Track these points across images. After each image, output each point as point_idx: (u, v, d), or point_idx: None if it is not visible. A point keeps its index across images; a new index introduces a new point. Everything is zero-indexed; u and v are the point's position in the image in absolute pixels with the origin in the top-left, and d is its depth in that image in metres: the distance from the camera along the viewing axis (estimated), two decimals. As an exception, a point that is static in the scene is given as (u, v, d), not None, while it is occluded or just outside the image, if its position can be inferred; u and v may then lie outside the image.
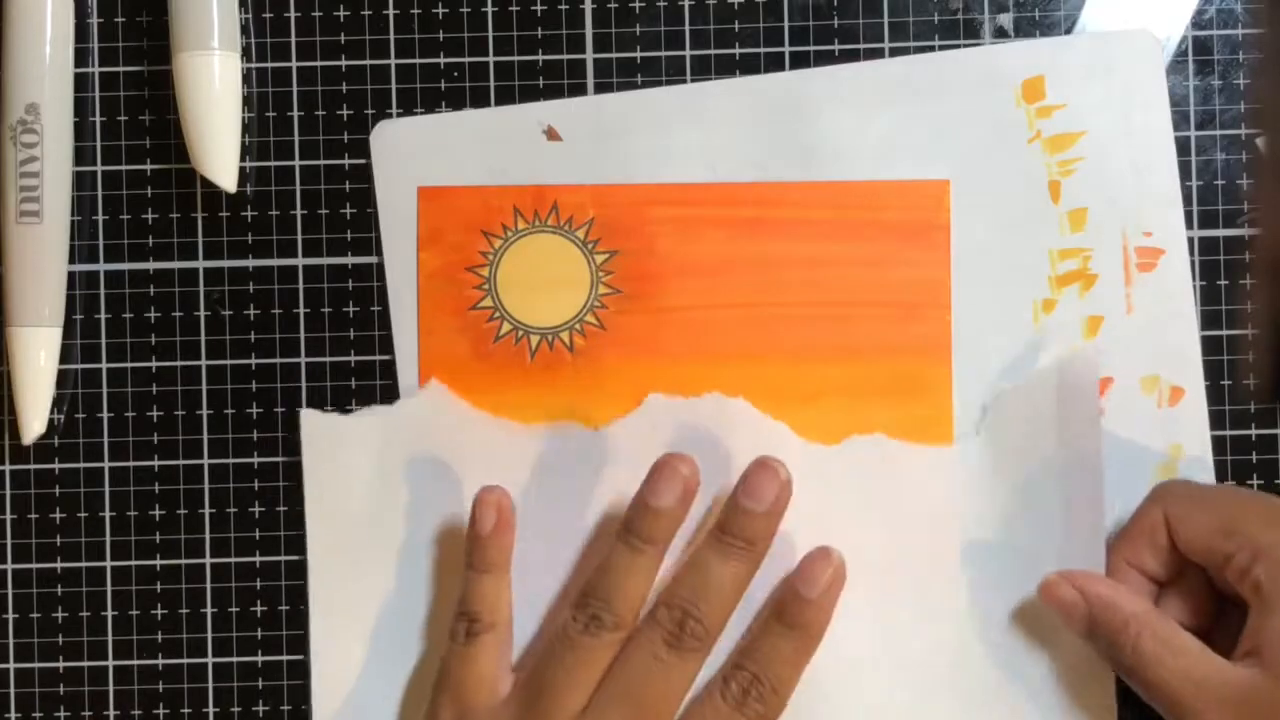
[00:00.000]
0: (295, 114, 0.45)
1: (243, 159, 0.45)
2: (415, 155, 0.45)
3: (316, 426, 0.45)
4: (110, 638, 0.45)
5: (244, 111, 0.45)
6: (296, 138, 0.45)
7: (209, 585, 0.45)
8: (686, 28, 0.45)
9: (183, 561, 0.45)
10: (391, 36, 0.45)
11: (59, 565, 0.46)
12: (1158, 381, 0.44)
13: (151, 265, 0.46)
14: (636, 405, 0.44)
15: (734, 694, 0.41)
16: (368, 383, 0.45)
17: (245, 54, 0.45)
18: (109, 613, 0.45)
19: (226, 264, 0.45)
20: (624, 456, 0.44)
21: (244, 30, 0.45)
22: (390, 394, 0.45)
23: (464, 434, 0.44)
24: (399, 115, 0.45)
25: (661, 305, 0.45)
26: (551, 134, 0.45)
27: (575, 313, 0.45)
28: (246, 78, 0.45)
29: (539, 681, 0.41)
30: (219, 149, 0.44)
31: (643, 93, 0.45)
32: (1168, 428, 0.44)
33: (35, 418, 0.44)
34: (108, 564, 0.45)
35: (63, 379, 0.45)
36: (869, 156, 0.45)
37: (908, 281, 0.45)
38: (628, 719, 0.40)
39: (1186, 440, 0.44)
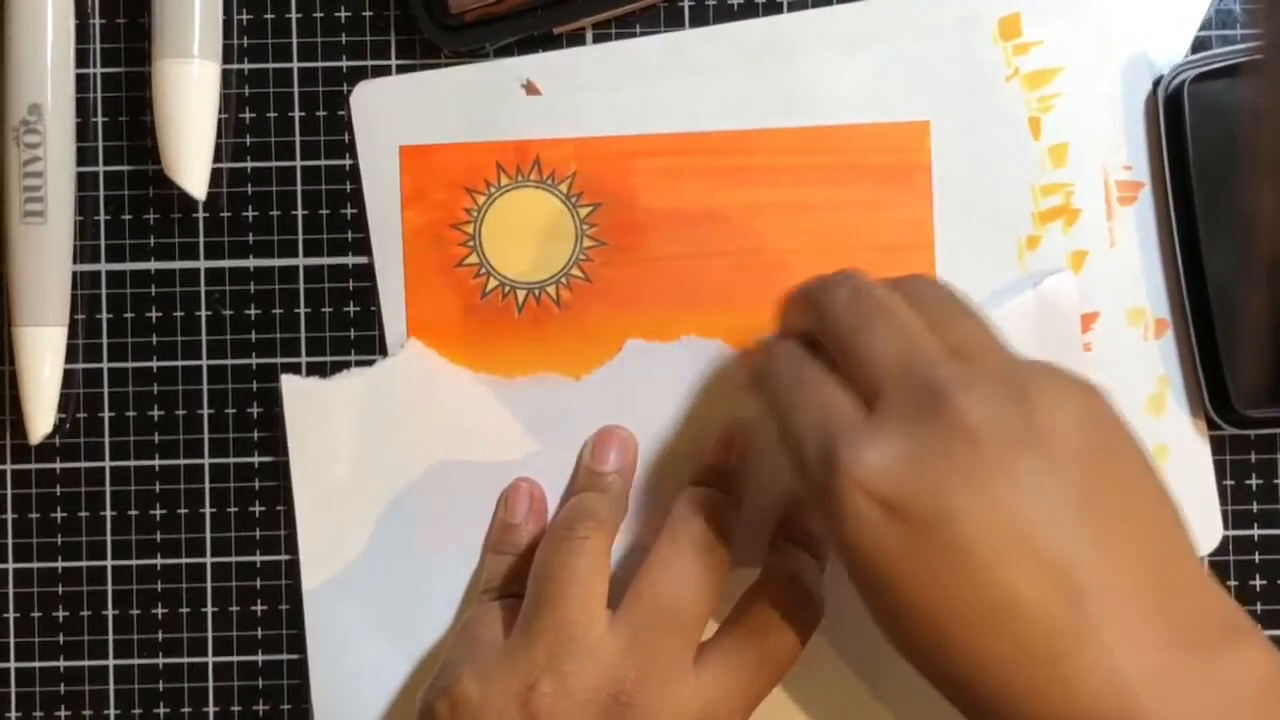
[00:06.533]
0: (296, 114, 0.46)
1: (244, 159, 0.45)
2: (396, 114, 0.45)
3: (297, 391, 0.45)
4: (111, 637, 0.46)
5: (245, 112, 0.45)
6: (298, 138, 0.46)
7: (209, 584, 0.45)
8: None
9: (183, 561, 0.46)
10: (393, 37, 0.46)
11: (60, 564, 0.46)
12: (1143, 314, 0.45)
13: (153, 265, 0.46)
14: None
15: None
16: (368, 382, 0.45)
17: (246, 54, 0.45)
18: (110, 612, 0.46)
19: (228, 264, 0.46)
20: (604, 404, 0.45)
21: (245, 31, 0.45)
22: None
23: (444, 391, 0.45)
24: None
25: (646, 256, 0.45)
26: (530, 88, 0.45)
27: (561, 266, 0.45)
28: (248, 78, 0.45)
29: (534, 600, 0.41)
30: (191, 156, 0.44)
31: (620, 44, 0.45)
32: (1154, 360, 0.45)
33: (42, 417, 0.44)
34: (108, 563, 0.46)
35: (65, 379, 0.45)
36: (849, 100, 0.45)
37: (891, 224, 0.45)
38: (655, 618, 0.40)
39: (1172, 372, 0.45)
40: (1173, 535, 0.34)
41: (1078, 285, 0.45)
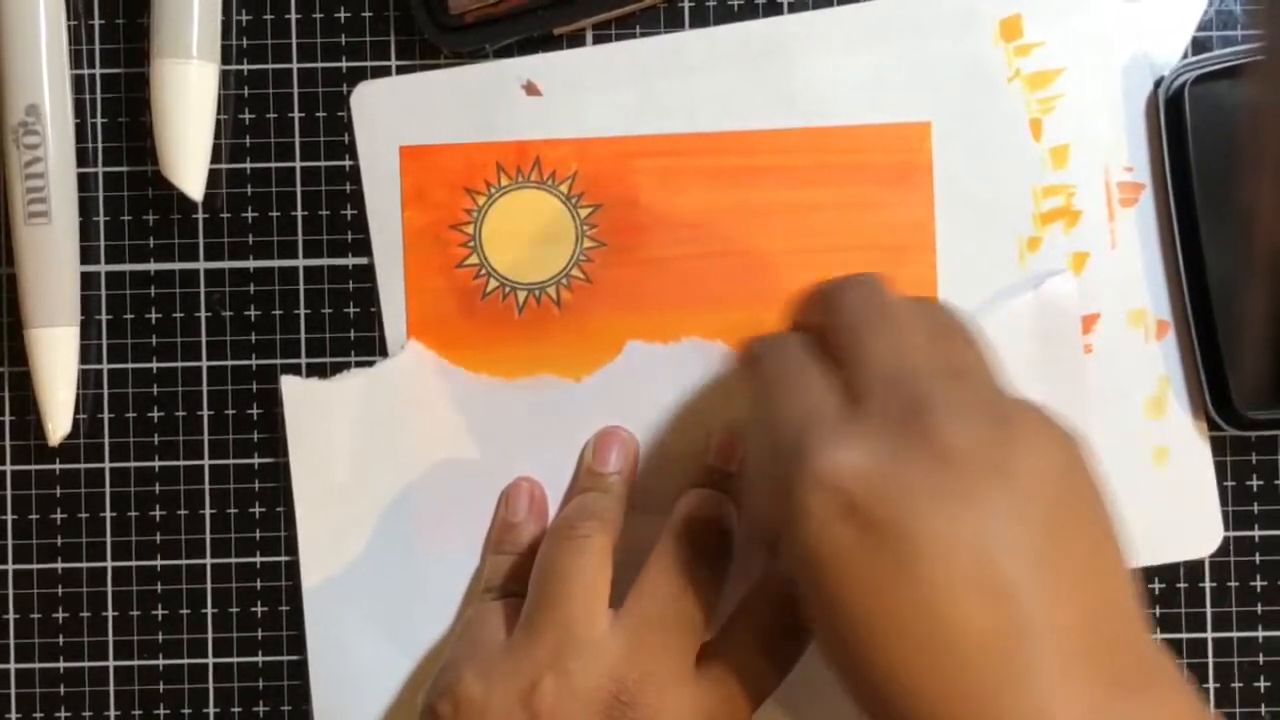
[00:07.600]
0: (296, 115, 0.46)
1: (243, 160, 0.45)
2: (396, 115, 0.45)
3: (297, 392, 0.45)
4: (111, 638, 0.46)
5: (245, 113, 0.45)
6: (298, 139, 0.46)
7: (209, 586, 0.45)
8: None
9: (183, 562, 0.46)
10: (392, 38, 0.46)
11: (60, 566, 0.46)
12: (1144, 315, 0.45)
13: (152, 266, 0.46)
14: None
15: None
16: (368, 383, 0.45)
17: (245, 55, 0.45)
18: (109, 613, 0.46)
19: (227, 265, 0.46)
20: (605, 405, 0.45)
21: (244, 32, 0.45)
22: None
23: (444, 392, 0.45)
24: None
25: (647, 257, 0.45)
26: (531, 89, 0.45)
27: (561, 267, 0.45)
28: (248, 79, 0.45)
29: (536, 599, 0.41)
30: (189, 157, 0.44)
31: (620, 44, 0.45)
32: (1155, 362, 0.45)
33: (61, 417, 0.44)
34: (108, 564, 0.46)
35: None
36: (849, 100, 0.45)
37: (891, 225, 0.45)
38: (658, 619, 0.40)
39: (1174, 373, 0.45)
40: (1121, 588, 0.33)
41: (1079, 286, 0.45)
